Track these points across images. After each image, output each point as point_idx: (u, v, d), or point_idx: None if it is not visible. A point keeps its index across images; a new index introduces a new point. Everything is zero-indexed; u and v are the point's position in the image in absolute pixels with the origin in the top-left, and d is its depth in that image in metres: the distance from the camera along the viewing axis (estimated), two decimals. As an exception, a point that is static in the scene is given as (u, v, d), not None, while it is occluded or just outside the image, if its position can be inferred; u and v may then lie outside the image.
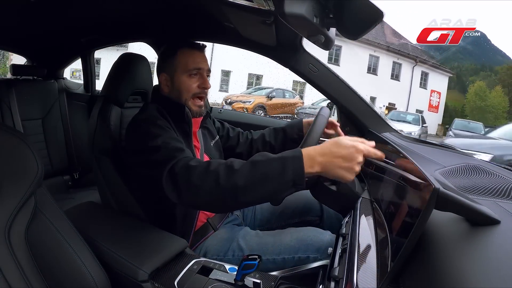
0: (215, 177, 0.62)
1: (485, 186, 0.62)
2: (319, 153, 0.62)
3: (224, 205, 0.66)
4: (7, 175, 0.58)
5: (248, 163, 0.63)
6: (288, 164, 0.60)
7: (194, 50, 0.91)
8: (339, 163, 0.61)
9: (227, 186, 0.61)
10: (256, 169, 0.62)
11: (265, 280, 0.68)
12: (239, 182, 0.60)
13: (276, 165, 0.61)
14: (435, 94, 15.26)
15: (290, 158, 0.61)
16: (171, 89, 0.92)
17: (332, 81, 1.26)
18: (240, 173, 0.61)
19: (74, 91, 1.98)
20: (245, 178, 0.61)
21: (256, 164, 0.62)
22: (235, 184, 0.61)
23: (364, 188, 0.91)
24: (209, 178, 0.62)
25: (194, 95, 0.91)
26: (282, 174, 0.60)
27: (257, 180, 0.61)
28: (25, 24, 1.27)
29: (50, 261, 0.60)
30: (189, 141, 0.91)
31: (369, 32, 0.69)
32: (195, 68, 0.89)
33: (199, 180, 0.62)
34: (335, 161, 0.61)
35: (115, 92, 0.98)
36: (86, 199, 0.99)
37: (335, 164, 0.61)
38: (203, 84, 0.90)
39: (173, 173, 0.66)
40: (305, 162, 0.61)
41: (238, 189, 0.61)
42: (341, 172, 0.62)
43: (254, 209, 1.08)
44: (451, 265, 0.40)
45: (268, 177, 0.60)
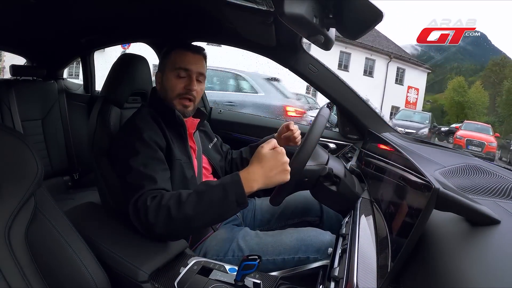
0: (167, 211, 0.68)
1: (485, 186, 0.62)
2: (253, 172, 0.70)
3: (180, 233, 0.73)
4: (7, 176, 0.58)
5: (193, 193, 0.71)
6: (229, 189, 0.69)
7: (187, 51, 0.91)
8: (272, 173, 0.70)
9: (179, 217, 0.68)
10: (202, 198, 0.69)
11: (265, 281, 0.68)
12: (189, 212, 0.68)
13: (219, 192, 0.69)
14: (412, 90, 15.04)
15: (229, 183, 0.70)
16: (161, 87, 0.93)
17: (331, 81, 1.26)
18: (188, 204, 0.68)
19: (74, 92, 1.98)
20: (193, 208, 0.68)
21: (201, 194, 0.70)
22: (185, 215, 0.68)
23: (364, 188, 0.91)
24: (161, 213, 0.68)
25: (179, 96, 0.90)
26: (226, 198, 0.68)
27: (205, 208, 0.69)
28: (25, 24, 1.27)
29: (50, 261, 0.60)
30: (184, 143, 0.91)
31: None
32: (182, 68, 0.89)
33: (153, 217, 0.68)
34: (269, 173, 0.70)
35: (114, 93, 0.98)
36: (86, 199, 0.98)
37: (270, 175, 0.70)
38: (188, 85, 0.89)
39: (136, 208, 0.71)
40: (244, 183, 0.69)
41: (189, 218, 0.68)
42: (277, 178, 0.71)
43: (254, 210, 1.08)
44: (451, 265, 0.40)
45: (213, 202, 0.69)
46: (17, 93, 1.64)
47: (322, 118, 0.82)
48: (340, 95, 1.27)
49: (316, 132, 0.79)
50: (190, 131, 0.96)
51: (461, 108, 19.41)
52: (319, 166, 0.85)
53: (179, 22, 1.24)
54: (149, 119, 0.85)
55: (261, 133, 1.55)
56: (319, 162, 0.86)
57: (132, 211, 0.72)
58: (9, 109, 1.61)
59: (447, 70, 21.97)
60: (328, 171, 0.84)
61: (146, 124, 0.83)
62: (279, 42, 1.10)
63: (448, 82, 21.12)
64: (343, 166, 0.93)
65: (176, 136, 0.90)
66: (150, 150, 0.79)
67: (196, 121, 0.98)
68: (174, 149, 0.85)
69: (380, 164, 0.86)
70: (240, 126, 1.63)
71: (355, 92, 1.27)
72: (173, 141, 0.87)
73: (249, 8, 0.71)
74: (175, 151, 0.85)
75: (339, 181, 0.85)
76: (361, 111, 1.28)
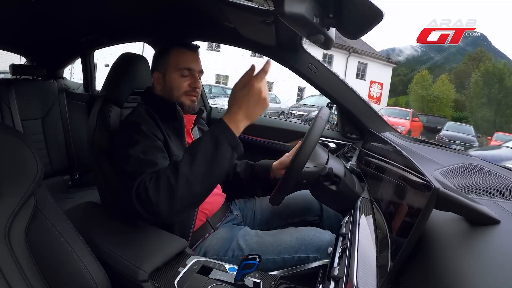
0: (167, 182, 0.65)
1: (485, 186, 0.62)
2: (234, 114, 0.69)
3: (185, 205, 0.68)
4: (7, 175, 0.58)
5: (184, 153, 0.68)
6: (218, 135, 0.67)
7: (187, 50, 0.92)
8: (252, 107, 0.69)
9: (180, 183, 0.65)
10: (196, 154, 0.66)
11: (265, 280, 0.68)
12: (187, 173, 0.65)
13: (210, 142, 0.67)
14: (375, 85, 14.80)
15: (217, 130, 0.68)
16: (163, 87, 0.93)
17: (332, 81, 1.26)
18: (183, 165, 0.66)
19: (74, 91, 1.98)
20: (189, 166, 0.65)
21: (193, 150, 0.67)
22: (185, 177, 0.65)
23: (364, 188, 0.91)
24: (162, 187, 0.65)
25: (186, 93, 0.91)
26: (218, 145, 0.66)
27: (201, 162, 0.66)
28: (25, 24, 1.27)
29: (50, 261, 0.60)
30: (181, 139, 0.91)
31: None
32: (185, 68, 0.90)
33: (155, 196, 0.65)
34: (249, 110, 0.69)
35: (114, 92, 0.98)
36: (86, 199, 0.98)
37: (251, 111, 0.69)
38: (194, 83, 0.91)
39: (138, 193, 0.68)
40: (230, 126, 0.68)
41: (189, 180, 0.65)
42: (258, 109, 0.69)
43: (254, 209, 1.08)
44: (451, 265, 0.40)
45: (207, 154, 0.66)
46: (17, 92, 1.64)
47: (321, 120, 0.82)
48: (340, 95, 1.27)
49: (315, 132, 0.79)
50: (188, 127, 0.97)
51: (425, 101, 19.20)
52: (318, 167, 0.85)
53: (179, 22, 1.24)
54: (146, 116, 0.85)
55: (261, 132, 1.55)
56: (318, 163, 0.86)
57: (135, 198, 0.68)
58: (9, 108, 1.61)
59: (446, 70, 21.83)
60: (328, 171, 0.84)
61: (143, 120, 0.84)
62: (279, 41, 1.10)
63: (414, 75, 20.80)
64: (343, 165, 0.93)
65: (174, 132, 0.90)
66: (149, 140, 0.79)
67: (193, 117, 0.98)
68: (171, 146, 0.85)
69: (380, 164, 0.86)
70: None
71: (355, 92, 1.27)
72: (170, 138, 0.87)
73: (249, 8, 0.71)
74: (172, 148, 0.85)
75: (339, 180, 0.85)
76: (361, 110, 1.28)
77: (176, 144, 0.88)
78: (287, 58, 1.25)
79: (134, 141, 0.77)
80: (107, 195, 0.94)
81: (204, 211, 0.92)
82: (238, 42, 1.32)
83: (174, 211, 0.66)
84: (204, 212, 0.92)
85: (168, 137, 0.86)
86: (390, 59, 18.07)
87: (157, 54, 0.95)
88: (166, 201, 0.65)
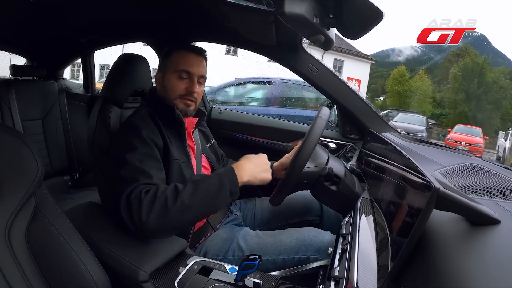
0: (164, 202, 0.68)
1: (485, 186, 0.62)
2: (242, 165, 0.79)
3: (171, 228, 0.72)
4: (7, 176, 0.58)
5: (190, 183, 0.73)
6: (224, 177, 0.74)
7: (190, 52, 0.91)
8: (258, 169, 0.80)
9: (176, 207, 0.68)
10: (199, 187, 0.72)
11: (265, 280, 0.68)
12: (185, 201, 0.69)
13: (215, 181, 0.73)
14: (352, 82, 14.72)
15: (224, 173, 0.76)
16: (161, 87, 0.93)
17: (332, 81, 1.26)
18: (185, 193, 0.70)
19: (74, 92, 1.98)
20: (189, 197, 0.70)
21: (198, 182, 0.73)
22: (182, 204, 0.68)
23: (364, 188, 0.91)
24: (157, 205, 0.68)
25: (181, 96, 0.90)
26: (221, 186, 0.73)
27: (201, 196, 0.71)
28: (25, 24, 1.27)
29: (50, 261, 0.60)
30: (183, 143, 0.91)
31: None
32: (184, 70, 0.89)
33: (146, 212, 0.67)
34: (255, 169, 0.80)
35: (114, 93, 0.98)
36: (86, 199, 0.98)
37: (256, 171, 0.80)
38: (190, 87, 0.90)
39: (129, 201, 0.69)
40: (237, 174, 0.75)
41: (185, 208, 0.69)
42: (261, 175, 0.80)
43: (254, 209, 1.08)
44: (451, 265, 0.40)
45: (209, 191, 0.72)
46: (18, 92, 1.64)
47: (321, 119, 0.82)
48: (340, 95, 1.27)
49: (315, 133, 0.79)
50: (189, 130, 0.97)
51: (402, 97, 18.93)
52: (319, 167, 0.85)
53: (179, 22, 1.24)
54: (148, 119, 0.85)
55: (262, 132, 1.55)
56: (318, 164, 0.86)
57: (124, 205, 0.69)
58: (9, 109, 1.61)
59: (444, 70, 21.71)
60: (328, 171, 0.84)
61: (144, 123, 0.83)
62: (279, 42, 1.10)
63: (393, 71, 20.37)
64: (343, 166, 0.93)
65: (175, 135, 0.90)
66: (147, 148, 0.79)
67: (194, 120, 0.98)
68: (171, 149, 0.85)
69: (380, 164, 0.85)
70: (240, 126, 1.62)
71: (355, 92, 1.27)
72: (171, 141, 0.87)
73: (250, 8, 0.71)
74: (172, 151, 0.85)
75: (339, 181, 0.85)
76: (361, 110, 1.28)
77: (177, 147, 0.88)
78: (287, 58, 1.25)
79: (132, 146, 0.78)
80: (107, 195, 0.94)
81: None
82: (238, 42, 1.32)
83: (158, 230, 0.69)
84: (204, 212, 0.92)
85: (169, 140, 0.86)
86: (367, 55, 17.74)
87: (163, 55, 0.95)
88: (156, 220, 0.67)
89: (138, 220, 0.67)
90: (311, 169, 0.84)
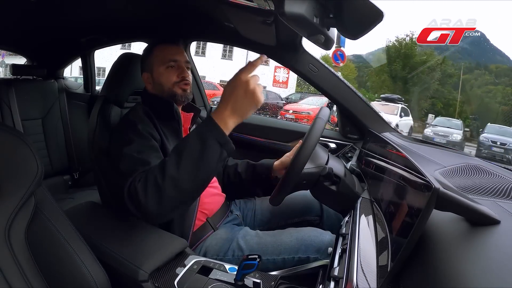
0: (154, 181, 0.64)
1: (485, 186, 0.62)
2: (223, 108, 0.66)
3: (174, 205, 0.67)
4: (7, 175, 0.58)
5: (171, 152, 0.66)
6: (205, 133, 0.64)
7: (168, 44, 0.94)
8: (241, 101, 0.65)
9: (166, 182, 0.63)
10: (182, 153, 0.64)
11: (265, 280, 0.68)
12: (173, 172, 0.63)
13: (196, 140, 0.64)
14: (281, 70, 14.38)
15: (203, 127, 0.66)
16: (153, 85, 0.94)
17: (332, 81, 1.26)
18: (169, 164, 0.64)
19: (74, 91, 1.98)
20: (176, 166, 0.63)
21: (179, 149, 0.65)
22: (171, 177, 0.63)
23: (364, 188, 0.91)
24: (149, 186, 0.64)
25: (176, 83, 0.92)
26: (205, 144, 0.63)
27: (188, 161, 0.64)
28: (25, 24, 1.27)
29: (50, 261, 0.60)
30: (179, 138, 0.92)
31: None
32: (171, 60, 0.91)
33: (143, 196, 0.64)
34: (237, 103, 0.65)
35: (114, 92, 0.98)
36: (86, 199, 0.98)
37: (239, 104, 0.65)
38: (182, 73, 0.92)
39: (129, 193, 0.67)
40: (219, 123, 0.64)
41: (176, 179, 0.63)
42: (246, 105, 0.65)
43: (254, 209, 1.08)
44: (451, 265, 0.40)
45: (194, 152, 0.64)
46: (18, 92, 1.65)
47: (321, 120, 0.82)
48: (340, 95, 1.27)
49: (315, 133, 0.79)
50: (185, 126, 0.97)
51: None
52: (318, 168, 0.85)
53: (179, 22, 1.24)
54: (143, 115, 0.86)
55: (261, 132, 1.55)
56: (318, 164, 0.86)
57: (127, 197, 0.68)
58: (9, 108, 1.61)
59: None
60: (328, 171, 0.84)
61: (140, 119, 0.84)
62: (279, 41, 1.10)
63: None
64: (343, 165, 0.93)
65: (171, 131, 0.90)
66: (145, 140, 0.80)
67: (190, 116, 0.99)
68: (168, 145, 0.86)
69: (380, 164, 0.85)
70: (240, 126, 1.62)
71: (355, 92, 1.27)
72: (167, 137, 0.88)
73: (249, 8, 0.70)
74: (168, 147, 0.85)
75: (339, 181, 0.85)
76: (361, 111, 1.28)
77: (173, 144, 0.88)
78: (287, 58, 1.25)
79: (129, 140, 0.78)
80: (107, 195, 0.95)
81: (204, 211, 0.92)
82: (238, 42, 1.33)
83: (162, 211, 0.66)
84: (203, 212, 0.92)
85: (165, 137, 0.86)
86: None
87: (143, 56, 0.97)
88: (154, 201, 0.64)
89: (140, 208, 0.65)
90: (311, 170, 0.84)
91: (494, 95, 16.02)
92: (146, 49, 0.96)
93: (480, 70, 17.61)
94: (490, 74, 17.04)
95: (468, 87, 16.99)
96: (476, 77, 17.46)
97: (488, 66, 17.69)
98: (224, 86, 0.68)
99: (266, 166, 1.06)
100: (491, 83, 16.54)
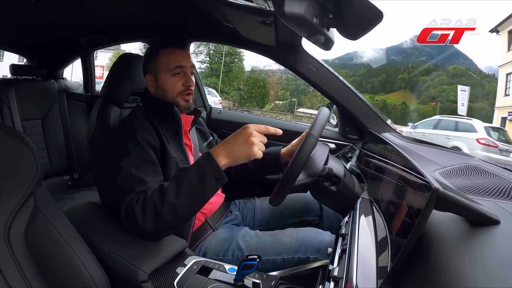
0: (153, 206, 0.69)
1: (484, 186, 0.62)
2: (221, 148, 0.73)
3: (170, 227, 0.73)
4: (7, 175, 0.58)
5: (172, 180, 0.72)
6: (203, 166, 0.71)
7: (175, 49, 0.91)
8: (237, 147, 0.71)
9: (165, 208, 0.69)
10: (181, 183, 0.71)
11: (264, 280, 0.68)
12: (172, 200, 0.69)
13: (195, 171, 0.71)
14: (98, 68, 14.51)
15: (202, 161, 0.72)
16: (157, 89, 0.92)
17: (332, 81, 1.26)
18: (169, 192, 0.70)
19: (74, 91, 1.98)
20: (175, 195, 0.70)
21: (179, 178, 0.72)
22: (170, 204, 0.69)
23: (364, 188, 0.91)
24: (148, 210, 0.69)
25: (180, 93, 0.91)
26: (203, 176, 0.70)
27: (186, 191, 0.70)
28: (25, 24, 1.27)
29: (49, 261, 0.60)
30: (179, 140, 0.91)
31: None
32: (177, 66, 0.90)
33: (141, 218, 0.70)
34: (234, 148, 0.71)
35: (114, 93, 0.98)
36: (85, 199, 0.98)
37: (235, 150, 0.71)
38: (186, 82, 0.91)
39: (127, 213, 0.72)
40: (216, 159, 0.71)
41: (174, 206, 0.69)
42: (240, 151, 0.71)
43: (253, 209, 1.08)
44: (451, 265, 0.40)
45: (192, 184, 0.70)
46: (17, 92, 1.64)
47: (320, 121, 0.82)
48: (340, 95, 1.27)
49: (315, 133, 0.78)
50: (185, 129, 0.97)
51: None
52: (311, 178, 0.86)
53: (179, 22, 1.24)
54: (143, 119, 0.85)
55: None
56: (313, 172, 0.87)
57: (124, 216, 0.72)
58: (9, 108, 1.61)
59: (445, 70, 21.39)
60: (328, 171, 0.84)
61: (140, 124, 0.83)
62: (279, 42, 1.10)
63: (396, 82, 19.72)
64: (343, 166, 0.93)
65: (171, 134, 0.90)
66: (142, 151, 0.80)
67: (190, 118, 0.98)
68: (168, 148, 0.85)
69: (379, 164, 0.85)
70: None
71: (355, 92, 1.28)
72: (168, 140, 0.87)
73: (249, 8, 0.70)
74: (169, 150, 0.85)
75: (339, 181, 0.85)
76: (361, 111, 1.28)
77: (174, 146, 0.88)
78: (287, 58, 1.25)
79: (127, 150, 0.79)
80: (107, 195, 0.94)
81: (203, 211, 0.92)
82: (238, 43, 1.33)
83: (158, 231, 0.72)
84: (203, 212, 0.92)
85: (165, 139, 0.86)
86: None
87: (147, 57, 0.94)
88: (151, 224, 0.69)
89: (138, 228, 0.70)
90: (306, 180, 0.85)
91: (447, 94, 16.63)
92: (151, 50, 0.94)
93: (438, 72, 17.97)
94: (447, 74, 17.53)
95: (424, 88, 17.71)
96: (433, 78, 17.92)
97: (445, 67, 18.01)
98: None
99: (274, 154, 1.06)
100: (446, 83, 17.19)
